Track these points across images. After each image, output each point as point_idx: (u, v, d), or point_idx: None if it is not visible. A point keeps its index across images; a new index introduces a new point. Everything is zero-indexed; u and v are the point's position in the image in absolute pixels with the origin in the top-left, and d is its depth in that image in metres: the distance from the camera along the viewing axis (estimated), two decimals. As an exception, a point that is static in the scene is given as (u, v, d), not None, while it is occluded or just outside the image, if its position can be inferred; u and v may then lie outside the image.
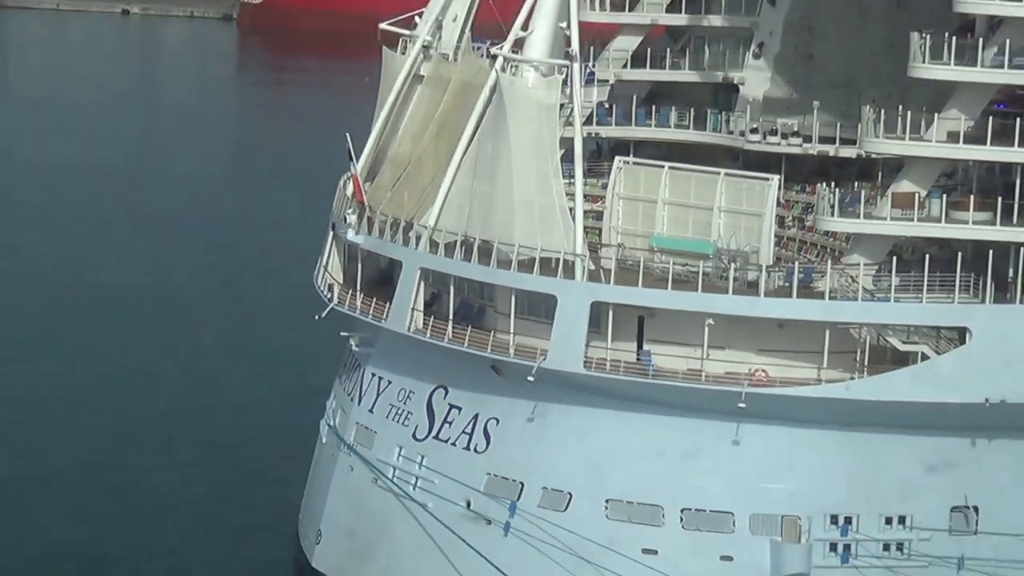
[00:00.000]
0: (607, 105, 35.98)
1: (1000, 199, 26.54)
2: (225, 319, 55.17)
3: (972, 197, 27.10)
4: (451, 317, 28.26)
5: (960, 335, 25.70)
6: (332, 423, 32.55)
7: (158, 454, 40.60)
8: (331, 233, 32.33)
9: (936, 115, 26.44)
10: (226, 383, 47.78)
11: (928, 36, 26.13)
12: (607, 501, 26.93)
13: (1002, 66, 25.99)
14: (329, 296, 31.11)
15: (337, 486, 31.38)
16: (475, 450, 28.39)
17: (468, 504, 28.00)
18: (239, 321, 54.49)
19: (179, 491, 37.95)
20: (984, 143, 26.24)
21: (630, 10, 36.98)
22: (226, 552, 34.51)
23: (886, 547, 27.01)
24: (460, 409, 28.71)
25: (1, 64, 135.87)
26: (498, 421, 28.16)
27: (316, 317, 30.62)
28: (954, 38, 26.09)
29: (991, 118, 26.44)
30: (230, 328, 53.60)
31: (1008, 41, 25.91)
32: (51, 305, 55.76)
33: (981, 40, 26.36)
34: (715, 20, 36.66)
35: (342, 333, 31.53)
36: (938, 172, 27.49)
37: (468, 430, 28.60)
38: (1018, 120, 26.01)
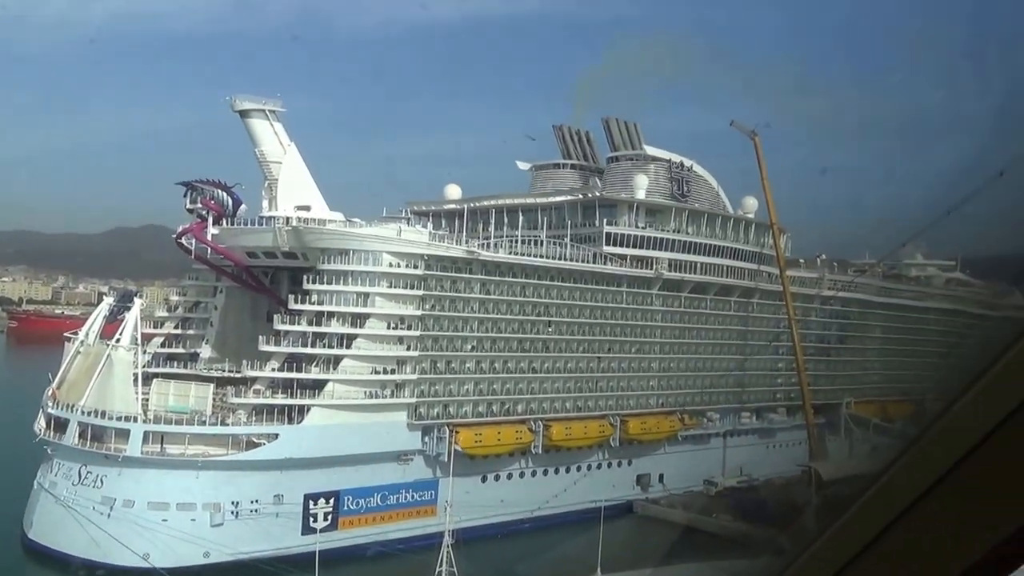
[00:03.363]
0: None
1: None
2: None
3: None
4: (89, 439, 73.60)
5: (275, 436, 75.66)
6: (39, 481, 74.79)
7: None
8: (41, 409, 77.03)
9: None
10: None
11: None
12: (148, 502, 71.98)
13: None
14: (39, 432, 75.07)
15: (41, 502, 73.40)
16: (94, 487, 71.19)
17: (93, 507, 71.69)
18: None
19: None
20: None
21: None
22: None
23: (254, 511, 74.89)
24: (92, 472, 72.05)
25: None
26: (106, 477, 72.49)
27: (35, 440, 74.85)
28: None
29: None
30: None
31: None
32: None
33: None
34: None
35: (44, 445, 74.76)
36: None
37: (94, 481, 72.45)
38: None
